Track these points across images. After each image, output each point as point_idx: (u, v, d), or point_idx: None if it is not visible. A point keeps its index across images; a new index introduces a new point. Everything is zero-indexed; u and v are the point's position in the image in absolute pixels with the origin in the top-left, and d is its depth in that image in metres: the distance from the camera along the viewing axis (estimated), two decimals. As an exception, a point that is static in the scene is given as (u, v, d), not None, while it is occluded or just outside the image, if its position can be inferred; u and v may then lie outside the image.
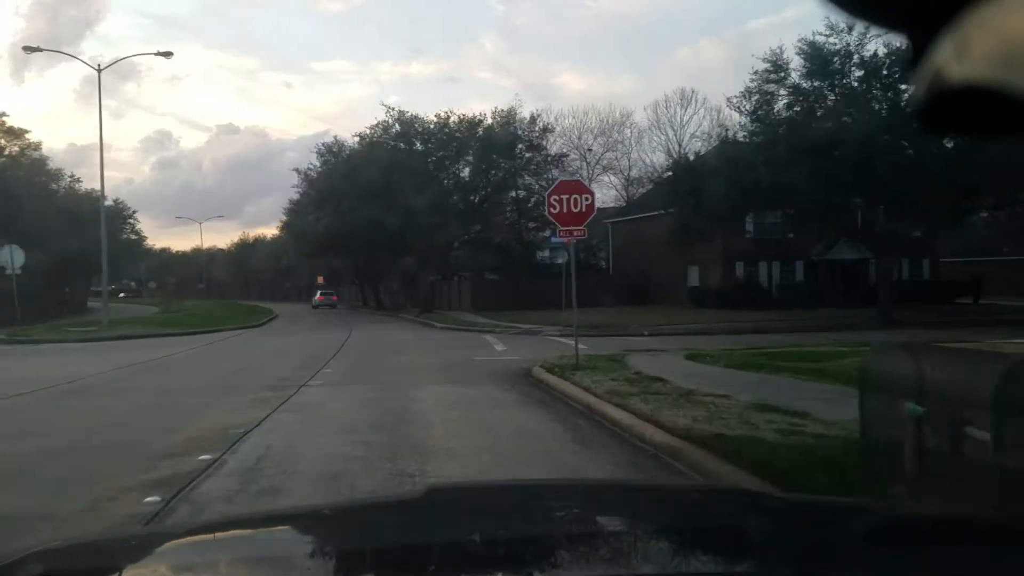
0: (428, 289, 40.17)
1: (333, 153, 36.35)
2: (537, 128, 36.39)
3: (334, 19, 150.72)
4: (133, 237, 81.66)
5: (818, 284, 36.09)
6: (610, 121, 52.64)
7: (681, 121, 54.10)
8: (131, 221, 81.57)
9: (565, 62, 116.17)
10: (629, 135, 57.62)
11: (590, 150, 48.65)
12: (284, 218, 49.90)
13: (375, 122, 35.27)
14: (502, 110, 36.19)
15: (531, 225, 44.68)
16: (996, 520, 2.31)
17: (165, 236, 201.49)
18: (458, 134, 35.60)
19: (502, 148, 35.89)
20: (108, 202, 79.32)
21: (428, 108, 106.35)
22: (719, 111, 53.49)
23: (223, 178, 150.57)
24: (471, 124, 35.69)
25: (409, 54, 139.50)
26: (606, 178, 54.06)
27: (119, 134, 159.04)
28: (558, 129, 38.85)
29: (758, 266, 36.25)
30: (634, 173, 53.69)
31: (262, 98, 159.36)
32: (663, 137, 58.26)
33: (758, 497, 2.48)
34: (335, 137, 36.76)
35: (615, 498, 2.21)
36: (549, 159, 37.99)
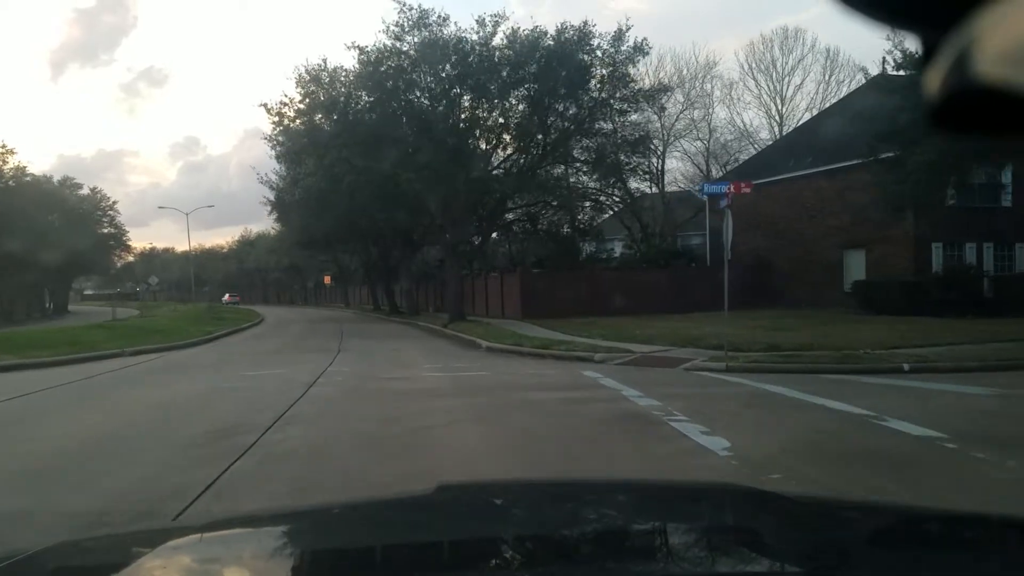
0: (459, 287, 28.28)
1: (320, 83, 24.66)
2: (624, 48, 24.24)
3: (349, 24, 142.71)
4: (112, 231, 71.41)
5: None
6: (692, 69, 40.48)
7: (782, 69, 41.86)
8: (111, 213, 71.34)
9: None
10: (711, 88, 45.18)
11: (663, 109, 36.23)
12: (270, 199, 37.97)
13: (383, 27, 22.91)
14: (573, 25, 24.05)
15: (601, 199, 32.65)
16: (1006, 517, 2.01)
17: (184, 241, 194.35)
18: (509, 54, 23.35)
19: (573, 78, 23.72)
20: (84, 190, 69.55)
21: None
22: (835, 54, 41.38)
23: (247, 182, 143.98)
24: (529, 43, 23.49)
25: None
26: (681, 145, 41.89)
27: (147, 140, 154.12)
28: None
29: (963, 249, 23.92)
30: (725, 136, 41.41)
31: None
32: (757, 91, 46.09)
33: (766, 496, 2.21)
34: (324, 60, 24.07)
35: (624, 496, 2.09)
36: (640, 94, 25.72)
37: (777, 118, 41.17)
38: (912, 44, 0.64)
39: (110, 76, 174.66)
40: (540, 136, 25.26)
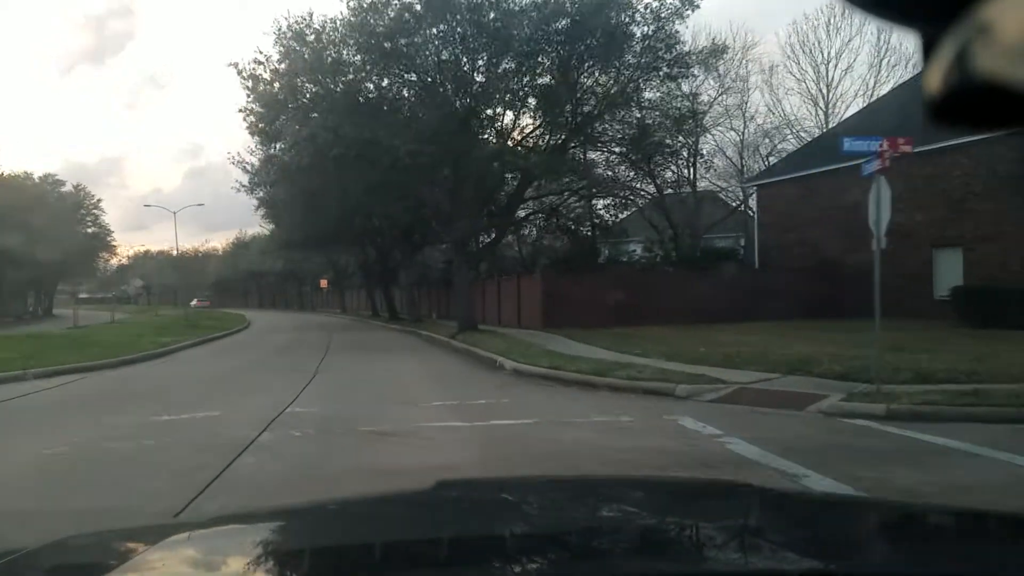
0: (469, 291, 24.04)
1: (303, 40, 19.39)
2: (670, 2, 19.95)
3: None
4: (96, 230, 67.29)
5: None
6: (729, 51, 36.07)
7: (827, 55, 37.55)
8: (95, 212, 67.24)
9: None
10: (746, 73, 40.70)
11: (696, 94, 31.87)
12: (243, 184, 33.49)
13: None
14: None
15: (632, 195, 28.39)
16: (1008, 514, 1.99)
17: (184, 243, 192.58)
18: (529, 3, 19.02)
19: (611, 35, 19.43)
20: (67, 187, 65.29)
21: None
22: (887, 36, 37.07)
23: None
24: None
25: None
26: (713, 135, 37.53)
27: (150, 144, 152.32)
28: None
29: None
30: (765, 125, 37.04)
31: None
32: (800, 75, 41.60)
33: (765, 492, 2.25)
34: (309, 14, 19.65)
35: (624, 493, 2.03)
36: (689, 57, 21.41)
37: (823, 105, 36.81)
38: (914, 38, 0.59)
39: (114, 81, 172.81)
40: (569, 107, 20.86)
